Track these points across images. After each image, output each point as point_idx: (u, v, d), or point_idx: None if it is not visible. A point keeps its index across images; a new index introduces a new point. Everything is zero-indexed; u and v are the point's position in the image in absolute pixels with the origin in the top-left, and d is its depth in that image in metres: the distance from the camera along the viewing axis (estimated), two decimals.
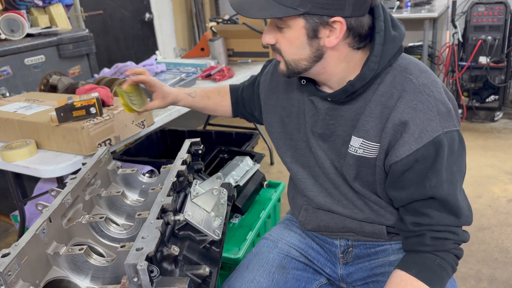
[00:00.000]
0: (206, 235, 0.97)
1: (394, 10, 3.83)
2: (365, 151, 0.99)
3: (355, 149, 1.01)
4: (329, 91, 1.03)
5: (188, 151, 1.20)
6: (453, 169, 0.95)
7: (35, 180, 1.98)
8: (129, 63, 2.24)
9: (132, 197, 1.15)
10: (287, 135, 1.15)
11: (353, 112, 1.00)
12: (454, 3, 3.72)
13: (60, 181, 1.49)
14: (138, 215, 0.92)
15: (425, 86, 0.95)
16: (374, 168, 1.01)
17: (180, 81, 2.12)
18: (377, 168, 1.01)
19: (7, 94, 2.02)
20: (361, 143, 0.99)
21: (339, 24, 0.89)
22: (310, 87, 1.05)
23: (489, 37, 3.59)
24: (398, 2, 3.88)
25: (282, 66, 1.00)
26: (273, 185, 2.03)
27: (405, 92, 0.94)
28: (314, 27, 0.90)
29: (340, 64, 0.96)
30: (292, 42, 0.93)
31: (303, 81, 1.06)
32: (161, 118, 1.77)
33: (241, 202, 1.81)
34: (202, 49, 2.85)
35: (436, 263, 0.94)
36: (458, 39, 3.73)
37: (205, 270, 0.87)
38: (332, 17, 0.88)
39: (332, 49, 0.93)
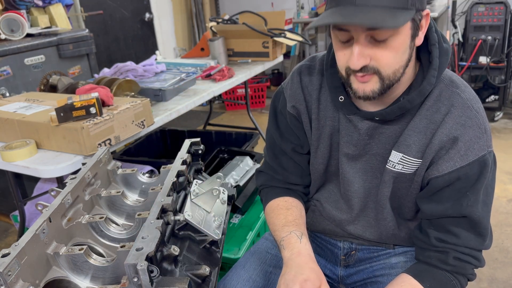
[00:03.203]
0: (206, 235, 0.97)
1: None
2: (404, 167, 0.96)
3: (393, 165, 0.97)
4: (370, 109, 0.96)
5: (188, 151, 1.20)
6: (489, 190, 0.93)
7: (35, 180, 1.98)
8: (129, 63, 2.24)
9: (132, 197, 1.15)
10: (316, 159, 1.09)
11: (397, 129, 0.95)
12: (454, 3, 3.73)
13: (60, 181, 1.49)
14: (138, 215, 0.91)
15: (472, 101, 0.92)
16: (409, 183, 0.98)
17: (180, 81, 2.12)
18: (414, 183, 0.97)
19: (7, 94, 2.01)
20: (401, 159, 0.95)
21: (426, 18, 0.84)
22: (349, 105, 0.96)
23: (489, 37, 3.59)
24: None
25: (373, 86, 0.85)
26: None
27: (453, 107, 0.90)
28: (417, 24, 0.82)
29: (409, 71, 0.90)
30: (397, 50, 0.82)
31: (341, 98, 0.96)
32: (161, 118, 1.76)
33: (241, 202, 1.81)
34: (202, 49, 2.85)
35: (451, 284, 0.93)
36: (458, 39, 3.73)
37: (205, 270, 0.87)
38: (424, 10, 0.82)
39: (413, 50, 0.87)
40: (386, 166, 0.98)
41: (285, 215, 1.05)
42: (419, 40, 0.86)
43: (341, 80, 0.94)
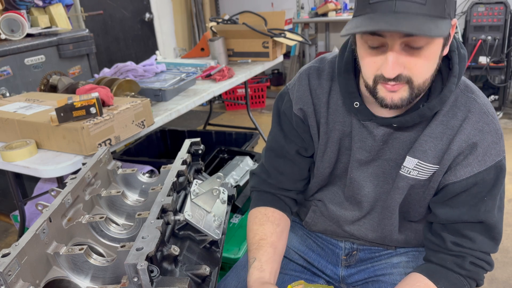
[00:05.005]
0: (206, 235, 0.97)
1: None
2: (419, 173, 0.95)
3: (408, 171, 0.96)
4: (386, 115, 0.94)
5: (188, 151, 1.20)
6: (502, 195, 0.94)
7: (35, 180, 1.98)
8: (129, 63, 2.24)
9: (132, 197, 1.15)
10: (322, 163, 1.07)
11: (412, 135, 0.94)
12: None
13: (60, 181, 1.49)
14: (138, 215, 0.91)
15: (487, 106, 0.92)
16: (423, 189, 0.98)
17: (180, 81, 2.12)
18: (428, 189, 0.97)
19: (7, 94, 2.02)
20: (416, 164, 0.94)
21: (453, 27, 0.82)
22: (365, 111, 0.94)
23: (489, 37, 3.59)
24: None
25: (402, 95, 0.84)
26: None
27: (470, 113, 0.90)
28: (449, 33, 0.78)
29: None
30: (430, 59, 0.81)
31: (357, 104, 0.94)
32: (161, 118, 1.77)
33: (241, 202, 1.82)
34: (202, 49, 2.86)
35: None
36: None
37: (205, 270, 0.87)
38: (453, 19, 0.81)
39: (441, 59, 0.85)
40: (400, 172, 0.97)
41: (255, 233, 1.04)
42: (446, 50, 0.85)
43: (356, 85, 0.94)
